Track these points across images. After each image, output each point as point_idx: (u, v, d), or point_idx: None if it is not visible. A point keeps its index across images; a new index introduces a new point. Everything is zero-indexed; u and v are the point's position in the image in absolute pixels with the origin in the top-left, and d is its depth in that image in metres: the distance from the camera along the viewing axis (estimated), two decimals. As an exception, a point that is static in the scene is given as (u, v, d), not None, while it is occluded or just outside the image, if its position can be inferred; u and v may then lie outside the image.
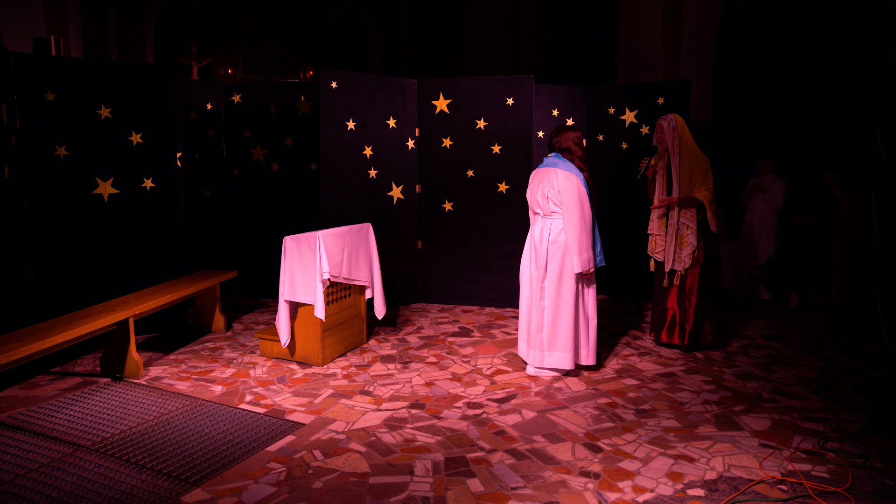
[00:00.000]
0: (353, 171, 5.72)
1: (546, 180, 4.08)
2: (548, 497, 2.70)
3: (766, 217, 6.48)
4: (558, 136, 4.17)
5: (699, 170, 4.56)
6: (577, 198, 3.98)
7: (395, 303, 6.07)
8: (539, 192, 4.12)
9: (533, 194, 4.20)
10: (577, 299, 4.10)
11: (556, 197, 4.03)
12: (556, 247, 4.07)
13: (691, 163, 4.56)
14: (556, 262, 4.07)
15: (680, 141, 4.57)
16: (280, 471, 2.92)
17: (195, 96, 6.11)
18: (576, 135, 4.16)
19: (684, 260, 4.63)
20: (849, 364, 4.42)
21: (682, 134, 4.59)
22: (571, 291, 4.07)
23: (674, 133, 4.57)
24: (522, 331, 4.30)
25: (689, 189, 4.56)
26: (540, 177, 4.15)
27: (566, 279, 4.06)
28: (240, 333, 5.24)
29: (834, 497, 2.70)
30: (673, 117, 4.61)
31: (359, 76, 5.76)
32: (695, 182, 4.55)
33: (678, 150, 4.57)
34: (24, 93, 4.50)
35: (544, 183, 4.09)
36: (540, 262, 4.11)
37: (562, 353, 4.10)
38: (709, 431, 3.35)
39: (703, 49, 7.67)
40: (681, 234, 4.62)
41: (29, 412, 3.61)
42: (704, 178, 4.56)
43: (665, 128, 4.59)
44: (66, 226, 4.72)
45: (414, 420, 3.51)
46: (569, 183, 3.99)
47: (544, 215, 4.14)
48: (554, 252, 4.08)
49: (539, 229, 4.15)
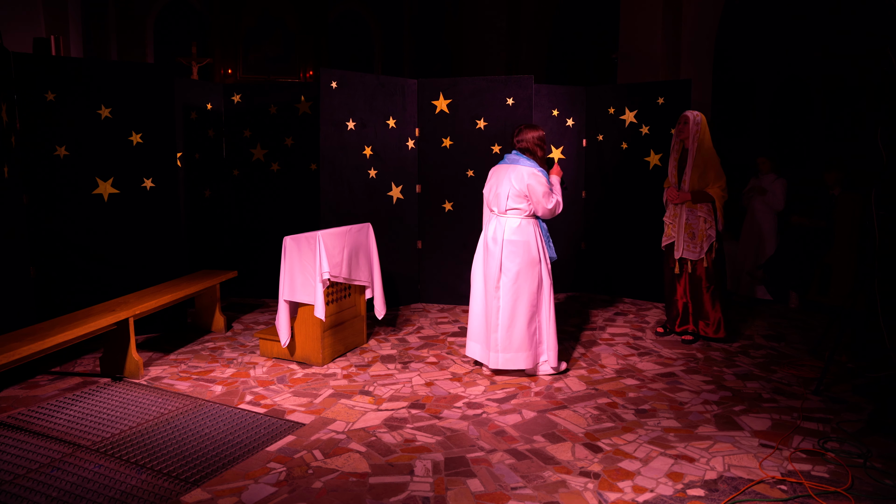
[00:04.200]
0: (353, 171, 5.72)
1: (508, 177, 4.05)
2: (548, 497, 2.70)
3: (766, 217, 6.47)
4: (520, 135, 4.14)
5: (713, 168, 4.76)
6: (544, 195, 4.01)
7: (395, 303, 6.07)
8: (497, 188, 4.09)
9: (490, 191, 4.16)
10: (533, 299, 4.08)
11: (517, 194, 4.01)
12: (511, 246, 4.04)
13: (706, 161, 4.75)
14: (513, 262, 4.04)
15: (701, 138, 4.75)
16: (280, 471, 2.92)
17: (195, 96, 6.11)
18: (538, 134, 4.14)
19: (700, 250, 4.78)
20: (849, 364, 4.42)
21: (704, 133, 4.78)
22: (527, 291, 4.05)
23: (697, 129, 4.75)
24: (474, 332, 4.25)
25: (700, 185, 4.74)
26: (500, 173, 4.11)
27: (522, 278, 4.04)
28: (240, 333, 5.24)
29: (834, 497, 2.70)
30: (700, 114, 4.82)
31: (359, 76, 5.76)
32: (709, 179, 4.74)
33: (696, 146, 4.75)
34: (24, 93, 4.50)
35: (504, 180, 4.06)
36: (494, 261, 4.08)
37: (518, 353, 4.07)
38: (709, 431, 3.35)
39: (703, 49, 7.67)
40: (698, 227, 4.79)
41: (29, 412, 3.61)
42: (718, 176, 4.76)
43: (690, 122, 4.76)
44: (66, 226, 4.71)
45: (414, 420, 3.51)
46: (535, 180, 3.99)
47: (499, 213, 4.11)
48: (510, 252, 4.05)
49: (494, 228, 4.12)
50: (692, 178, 4.74)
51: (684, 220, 4.83)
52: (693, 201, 4.77)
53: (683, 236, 4.84)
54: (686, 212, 4.82)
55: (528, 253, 4.05)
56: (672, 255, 4.96)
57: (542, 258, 4.10)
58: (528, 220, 4.09)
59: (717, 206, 4.72)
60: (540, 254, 4.09)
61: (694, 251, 4.81)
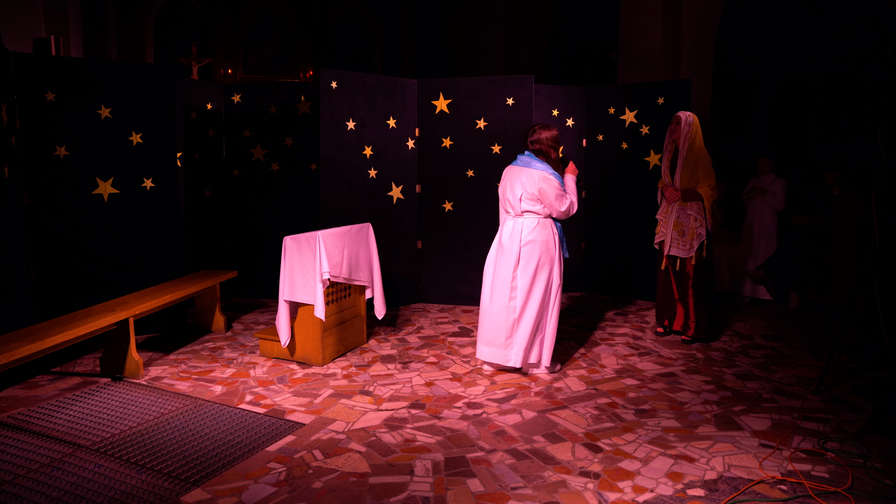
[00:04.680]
0: (353, 171, 5.72)
1: (520, 180, 4.08)
2: (548, 497, 2.70)
3: (766, 217, 6.47)
4: (534, 136, 4.15)
5: (703, 167, 4.81)
6: (556, 198, 4.04)
7: (395, 303, 6.07)
8: (511, 190, 4.12)
9: (504, 192, 4.19)
10: (546, 298, 4.13)
11: (530, 197, 4.05)
12: (529, 247, 4.07)
13: (697, 160, 4.80)
14: (530, 262, 4.07)
15: (692, 139, 4.81)
16: (280, 471, 2.92)
17: (195, 96, 6.11)
18: (553, 134, 4.15)
19: (690, 248, 4.82)
20: (849, 364, 4.42)
21: (696, 133, 4.83)
22: (541, 291, 4.09)
23: (688, 129, 4.81)
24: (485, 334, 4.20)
25: (689, 183, 4.81)
26: (513, 175, 4.13)
27: (539, 279, 4.08)
28: (240, 333, 5.24)
29: (834, 497, 2.70)
30: (692, 115, 4.88)
31: (359, 76, 5.76)
32: (699, 177, 4.79)
33: (687, 145, 4.81)
34: (24, 93, 4.50)
35: (517, 182, 4.08)
36: (510, 261, 4.10)
37: (517, 350, 4.11)
38: (709, 431, 3.35)
39: (703, 49, 7.67)
40: (689, 225, 4.83)
41: (29, 412, 3.61)
42: (707, 175, 4.81)
43: (682, 122, 4.83)
44: (66, 226, 4.71)
45: (414, 420, 3.51)
46: (546, 183, 4.02)
47: (516, 215, 4.14)
48: (527, 252, 4.07)
49: (511, 228, 4.14)
50: (682, 177, 4.81)
51: (674, 217, 4.88)
52: (683, 199, 4.83)
53: (672, 233, 4.89)
54: (677, 210, 4.87)
55: (546, 253, 4.09)
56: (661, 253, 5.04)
57: (558, 258, 4.15)
58: (546, 221, 4.13)
59: (705, 204, 4.78)
60: (556, 254, 4.14)
61: (683, 248, 4.86)
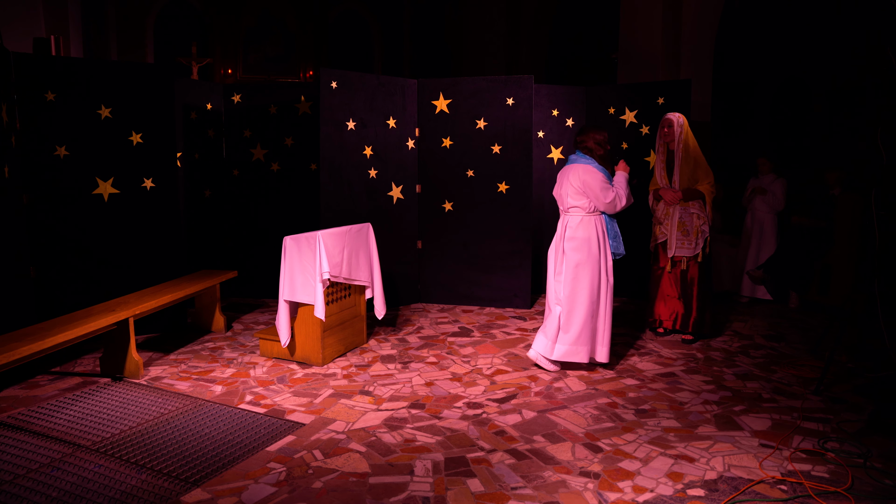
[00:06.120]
0: (353, 171, 5.72)
1: (567, 176, 4.26)
2: (548, 497, 2.70)
3: (766, 217, 6.48)
4: (582, 136, 4.34)
5: (701, 166, 4.87)
6: (601, 189, 4.13)
7: (395, 303, 6.07)
8: (560, 187, 4.31)
9: (556, 190, 4.38)
10: (594, 295, 4.20)
11: (575, 192, 4.18)
12: (573, 242, 4.21)
13: (695, 160, 4.85)
14: (573, 257, 4.20)
15: (685, 139, 4.85)
16: (280, 471, 2.92)
17: (195, 96, 6.11)
18: (599, 136, 4.30)
19: (696, 246, 4.87)
20: (849, 364, 4.42)
21: (688, 133, 4.88)
22: (587, 287, 4.18)
23: (681, 130, 4.85)
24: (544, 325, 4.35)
25: (689, 183, 4.86)
26: (562, 174, 4.34)
27: (582, 274, 4.18)
28: (240, 333, 5.24)
29: (834, 497, 2.70)
30: (681, 116, 4.92)
31: (359, 76, 5.76)
32: (698, 176, 4.85)
33: (682, 147, 4.84)
34: (24, 93, 4.50)
35: (565, 179, 4.27)
36: (559, 256, 4.27)
37: (575, 346, 4.19)
38: (709, 431, 3.35)
39: (703, 49, 7.67)
40: (692, 223, 4.88)
41: (29, 412, 3.61)
42: (706, 173, 4.88)
43: (675, 125, 4.86)
44: (66, 226, 4.72)
45: (414, 420, 3.51)
46: (589, 175, 4.14)
47: (564, 211, 4.32)
48: (571, 247, 4.21)
49: (560, 226, 4.34)
50: (682, 178, 4.85)
51: (677, 218, 4.91)
52: (684, 199, 4.86)
53: (676, 234, 4.92)
54: (679, 210, 4.90)
55: (588, 249, 4.19)
56: (661, 254, 5.04)
57: (602, 255, 4.22)
58: (591, 217, 4.22)
59: (706, 201, 4.84)
60: (600, 250, 4.21)
61: (689, 247, 4.89)
